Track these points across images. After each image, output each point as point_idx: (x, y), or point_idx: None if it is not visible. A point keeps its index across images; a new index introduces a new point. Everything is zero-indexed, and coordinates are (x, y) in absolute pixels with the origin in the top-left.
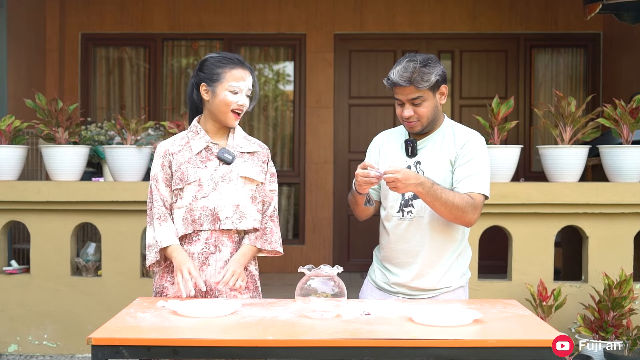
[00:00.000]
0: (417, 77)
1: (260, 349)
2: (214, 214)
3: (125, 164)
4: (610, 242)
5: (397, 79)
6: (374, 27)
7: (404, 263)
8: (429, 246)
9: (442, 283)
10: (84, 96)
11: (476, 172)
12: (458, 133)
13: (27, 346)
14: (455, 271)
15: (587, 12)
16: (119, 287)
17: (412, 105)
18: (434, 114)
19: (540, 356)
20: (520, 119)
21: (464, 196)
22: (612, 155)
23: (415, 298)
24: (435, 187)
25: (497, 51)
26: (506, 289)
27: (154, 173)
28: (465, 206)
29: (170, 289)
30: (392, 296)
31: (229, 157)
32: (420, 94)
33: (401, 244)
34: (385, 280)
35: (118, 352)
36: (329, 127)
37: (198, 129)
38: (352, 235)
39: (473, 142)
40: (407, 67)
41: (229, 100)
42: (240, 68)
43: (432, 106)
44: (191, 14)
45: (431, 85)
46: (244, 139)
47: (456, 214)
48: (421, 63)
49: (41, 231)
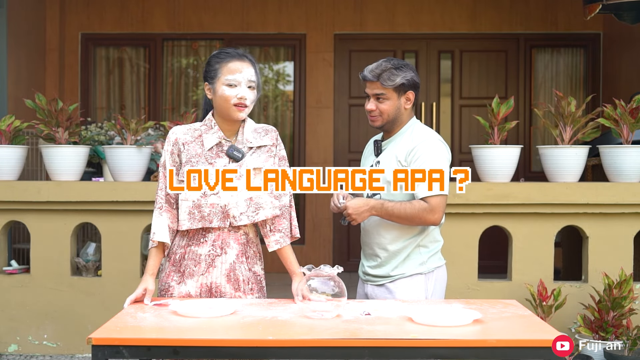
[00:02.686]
0: (384, 75)
1: (260, 349)
2: (224, 211)
3: (125, 164)
4: (610, 242)
5: (367, 73)
6: (374, 27)
7: (369, 254)
8: (384, 238)
9: (397, 271)
10: (84, 96)
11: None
12: (415, 135)
13: (27, 346)
14: (414, 260)
15: (587, 12)
16: (119, 287)
17: (375, 101)
18: (395, 114)
19: (540, 356)
20: (520, 119)
21: (415, 204)
22: (612, 155)
23: (375, 284)
24: (386, 206)
25: (497, 51)
26: (506, 289)
27: (162, 160)
28: (419, 213)
29: (176, 288)
30: (365, 284)
31: (238, 155)
32: (384, 91)
33: (365, 237)
34: (361, 269)
35: (118, 352)
36: (329, 127)
37: (212, 123)
38: (352, 235)
39: (423, 144)
40: (380, 65)
41: (227, 94)
42: (237, 60)
43: (394, 106)
44: (191, 14)
45: (395, 86)
46: (254, 132)
47: (415, 222)
48: (394, 65)
49: (41, 231)
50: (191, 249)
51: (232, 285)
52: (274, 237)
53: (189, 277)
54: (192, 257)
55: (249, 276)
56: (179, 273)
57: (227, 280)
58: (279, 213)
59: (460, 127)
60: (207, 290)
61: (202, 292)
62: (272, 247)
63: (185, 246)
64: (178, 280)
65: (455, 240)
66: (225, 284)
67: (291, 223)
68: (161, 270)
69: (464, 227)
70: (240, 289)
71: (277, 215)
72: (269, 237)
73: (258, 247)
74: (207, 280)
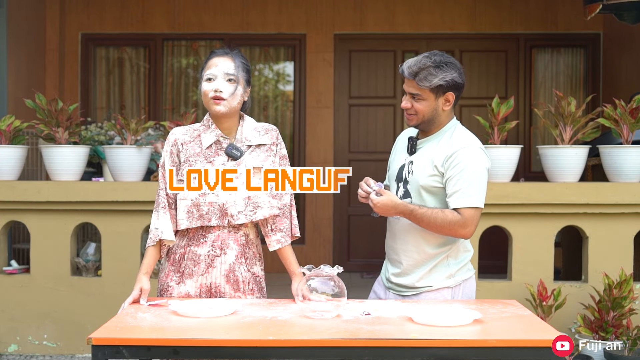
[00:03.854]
0: (421, 74)
1: (260, 349)
2: (222, 210)
3: (125, 164)
4: (610, 242)
5: (405, 69)
6: (374, 27)
7: (393, 259)
8: (412, 246)
9: (422, 282)
10: (84, 96)
11: (466, 185)
12: (454, 140)
13: (27, 346)
14: (441, 272)
15: (587, 12)
16: (119, 287)
17: (411, 99)
18: (431, 115)
19: (540, 356)
20: (520, 119)
21: (448, 215)
22: (612, 155)
23: (401, 294)
24: (415, 213)
25: (497, 51)
26: (506, 289)
27: (162, 160)
28: (450, 225)
29: (175, 288)
30: (388, 291)
31: (236, 153)
32: (419, 92)
33: (390, 241)
34: (385, 274)
35: (118, 352)
36: (329, 127)
37: (210, 122)
38: (352, 235)
39: (463, 151)
40: (419, 62)
41: (204, 89)
42: (217, 57)
43: (430, 107)
44: (191, 14)
45: (432, 87)
46: (254, 131)
47: (444, 232)
48: (434, 63)
49: (41, 231)
50: (191, 249)
51: (232, 285)
52: (275, 236)
53: (188, 277)
54: (191, 257)
55: (249, 277)
56: (179, 273)
57: (226, 280)
58: (278, 213)
59: None
60: (207, 291)
61: (201, 292)
62: (273, 247)
63: (185, 246)
64: (177, 280)
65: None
66: (225, 284)
67: (292, 222)
68: (160, 270)
69: None
70: (239, 289)
71: (278, 215)
72: (270, 236)
73: (258, 248)
74: (206, 280)
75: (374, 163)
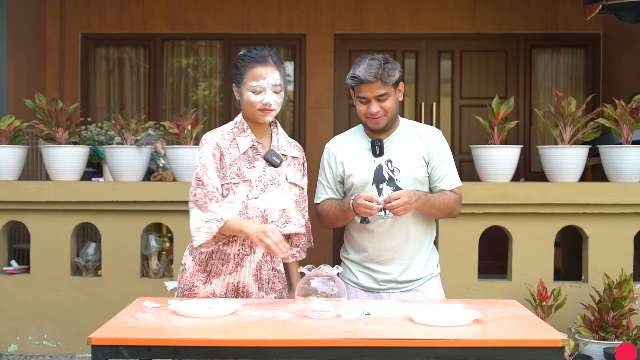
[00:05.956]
0: (384, 73)
1: (260, 349)
2: (263, 216)
3: (125, 164)
4: (610, 242)
5: (365, 75)
6: (374, 27)
7: (389, 259)
8: (413, 239)
9: (425, 271)
10: (84, 96)
11: (451, 167)
12: (421, 130)
13: (27, 346)
14: (433, 259)
15: (587, 12)
16: (119, 287)
17: (377, 102)
18: (396, 109)
19: (540, 356)
20: (520, 119)
21: (450, 195)
22: (612, 155)
23: (404, 290)
24: (429, 197)
25: (497, 51)
26: (506, 289)
27: (203, 161)
28: (454, 204)
29: (201, 288)
30: (382, 294)
31: (277, 160)
32: (387, 89)
33: (386, 241)
34: (372, 281)
35: (118, 352)
36: (329, 127)
37: (245, 126)
38: None
39: (440, 138)
40: (372, 65)
41: (252, 100)
42: (261, 66)
43: (395, 102)
44: (191, 14)
45: (395, 80)
46: (285, 140)
47: (447, 213)
48: (384, 60)
49: (41, 231)
50: (219, 248)
51: (258, 284)
52: (291, 251)
53: (215, 276)
54: (219, 256)
55: (271, 275)
56: (205, 273)
57: (254, 279)
58: (303, 231)
59: (460, 127)
60: (234, 290)
61: (227, 291)
62: (289, 260)
63: None
64: (204, 280)
65: (455, 240)
66: (253, 283)
67: (309, 238)
68: (184, 270)
69: (464, 227)
70: (263, 288)
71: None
72: None
73: None
74: (234, 279)
75: None
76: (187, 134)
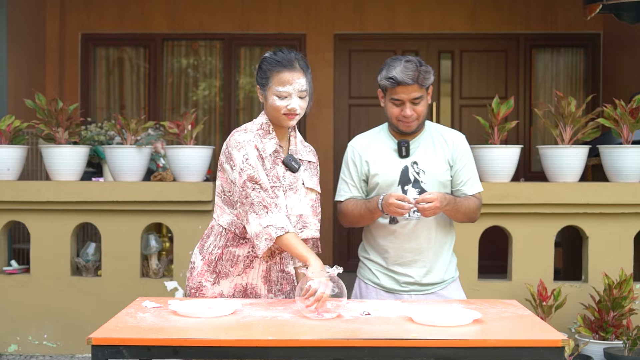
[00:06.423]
0: (420, 76)
1: (260, 349)
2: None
3: (125, 164)
4: (610, 242)
5: (403, 77)
6: (374, 27)
7: (411, 261)
8: (435, 241)
9: (447, 274)
10: (84, 96)
11: (474, 172)
12: (445, 133)
13: (27, 346)
14: (453, 262)
15: (587, 12)
16: (119, 287)
17: (412, 104)
18: (426, 113)
19: (540, 356)
20: (520, 119)
21: (474, 200)
22: (612, 155)
23: (425, 293)
24: (457, 202)
25: (497, 51)
26: (506, 289)
27: (252, 162)
28: (476, 209)
29: (210, 289)
30: (403, 295)
31: (295, 165)
32: (421, 93)
33: (409, 243)
34: (394, 282)
35: (118, 352)
36: (329, 127)
37: (270, 128)
38: (352, 235)
39: (464, 142)
40: (409, 67)
41: (277, 105)
42: (287, 71)
43: (426, 105)
44: (191, 14)
45: (429, 85)
46: (301, 144)
47: (470, 217)
48: (419, 63)
49: (41, 231)
50: (229, 250)
51: (267, 286)
52: None
53: (224, 277)
54: (229, 257)
55: (280, 277)
56: (214, 274)
57: (263, 281)
58: (318, 236)
59: (460, 127)
60: (242, 291)
61: (235, 292)
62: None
63: (222, 247)
64: (212, 281)
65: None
66: (262, 284)
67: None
68: (193, 269)
69: (464, 227)
70: (271, 290)
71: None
72: None
73: None
74: (242, 281)
75: None
76: (187, 134)
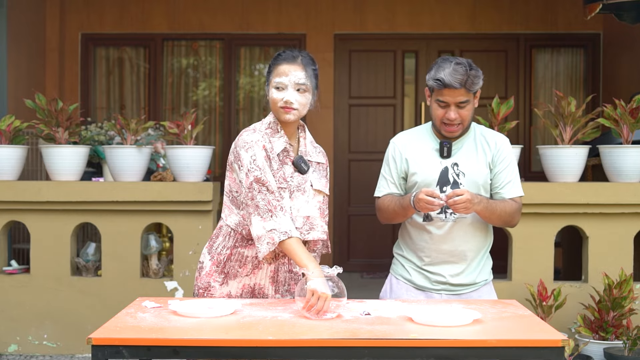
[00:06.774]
0: (468, 80)
1: (260, 349)
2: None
3: (125, 164)
4: (610, 242)
5: (451, 80)
6: (374, 27)
7: (445, 262)
8: (471, 244)
9: (480, 277)
10: (84, 96)
11: (515, 175)
12: (488, 136)
13: (27, 346)
14: (488, 265)
15: (587, 12)
16: (119, 287)
17: (457, 108)
18: (472, 118)
19: (540, 356)
20: (520, 119)
21: (512, 203)
22: (612, 155)
23: (456, 293)
24: (490, 203)
25: (497, 51)
26: (506, 289)
27: (260, 163)
28: (514, 213)
29: (218, 289)
30: (434, 294)
31: (304, 167)
32: (468, 97)
33: (445, 244)
34: (426, 280)
35: (118, 352)
36: (329, 127)
37: (279, 127)
38: (352, 235)
39: (507, 145)
40: (458, 70)
41: (274, 97)
42: (286, 63)
43: (472, 110)
44: (191, 14)
45: (478, 89)
46: (311, 145)
47: (506, 221)
48: (469, 67)
49: (41, 231)
50: (238, 250)
51: (274, 286)
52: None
53: (232, 277)
54: (238, 258)
55: (287, 277)
56: (223, 274)
57: (271, 281)
58: (325, 238)
59: None
60: (250, 292)
61: (243, 292)
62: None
63: (231, 247)
64: (221, 281)
65: None
66: (269, 285)
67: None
68: (201, 268)
69: None
70: (279, 290)
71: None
72: None
73: None
74: (250, 281)
75: (374, 163)
76: (187, 134)
